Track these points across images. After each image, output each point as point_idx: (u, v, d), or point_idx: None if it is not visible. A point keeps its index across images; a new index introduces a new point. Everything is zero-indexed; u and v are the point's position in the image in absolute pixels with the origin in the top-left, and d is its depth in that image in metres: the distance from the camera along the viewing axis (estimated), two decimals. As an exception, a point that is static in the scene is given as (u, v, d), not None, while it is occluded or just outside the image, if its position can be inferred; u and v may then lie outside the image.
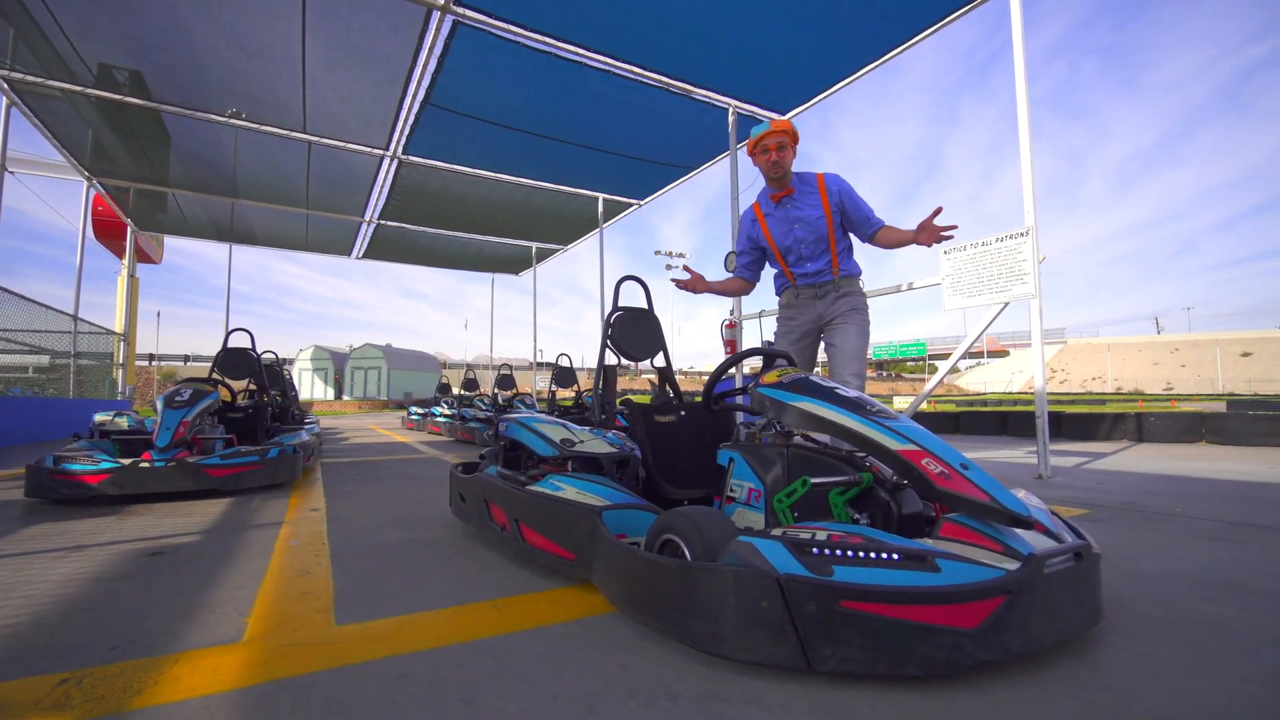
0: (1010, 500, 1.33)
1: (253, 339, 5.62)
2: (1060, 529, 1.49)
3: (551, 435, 2.17)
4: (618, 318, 3.07)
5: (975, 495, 1.34)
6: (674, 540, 1.48)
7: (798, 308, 2.98)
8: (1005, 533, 1.32)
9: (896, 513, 1.53)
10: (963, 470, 1.40)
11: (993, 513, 1.32)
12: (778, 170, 2.66)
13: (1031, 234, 4.45)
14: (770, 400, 1.79)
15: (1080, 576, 1.34)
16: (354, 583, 1.89)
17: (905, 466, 1.45)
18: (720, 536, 1.38)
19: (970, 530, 1.33)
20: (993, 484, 1.37)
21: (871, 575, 1.17)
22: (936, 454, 1.44)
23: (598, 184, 9.66)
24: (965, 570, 1.18)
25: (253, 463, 3.70)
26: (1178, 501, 3.37)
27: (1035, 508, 1.57)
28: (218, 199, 10.27)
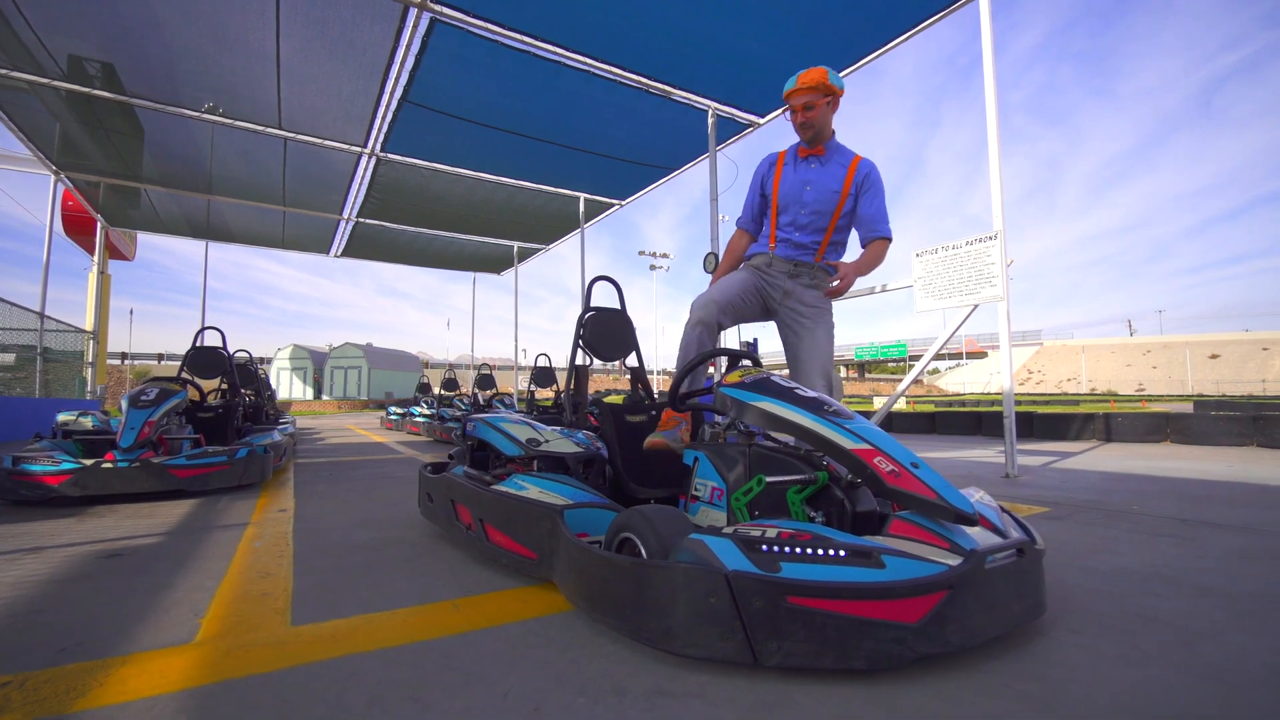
0: (956, 498, 1.36)
1: (224, 338, 5.54)
2: (1007, 525, 1.53)
3: (517, 435, 2.18)
4: (590, 318, 3.09)
5: (923, 493, 1.38)
6: (631, 539, 1.50)
7: (765, 273, 2.61)
8: (952, 529, 1.36)
9: (850, 510, 1.56)
10: (912, 469, 1.43)
11: (939, 510, 1.35)
12: (807, 131, 2.41)
13: (1000, 238, 4.54)
14: (732, 400, 1.82)
15: (1022, 571, 1.38)
16: (315, 584, 1.88)
17: (858, 465, 1.49)
18: (674, 534, 1.40)
19: (918, 527, 1.37)
20: (941, 482, 1.41)
21: (818, 572, 1.20)
22: (888, 453, 1.48)
23: (579, 184, 9.65)
24: (909, 566, 1.22)
25: (220, 463, 3.66)
26: (1136, 499, 3.46)
27: (984, 504, 1.61)
28: (192, 195, 10.09)
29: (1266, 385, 47.96)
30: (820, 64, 6.08)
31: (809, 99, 2.34)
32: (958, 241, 4.86)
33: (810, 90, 2.33)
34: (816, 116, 2.36)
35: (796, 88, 2.36)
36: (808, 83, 2.33)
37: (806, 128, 2.40)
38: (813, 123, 2.38)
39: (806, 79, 2.33)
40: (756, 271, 2.60)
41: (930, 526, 1.36)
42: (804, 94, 2.34)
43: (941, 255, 4.97)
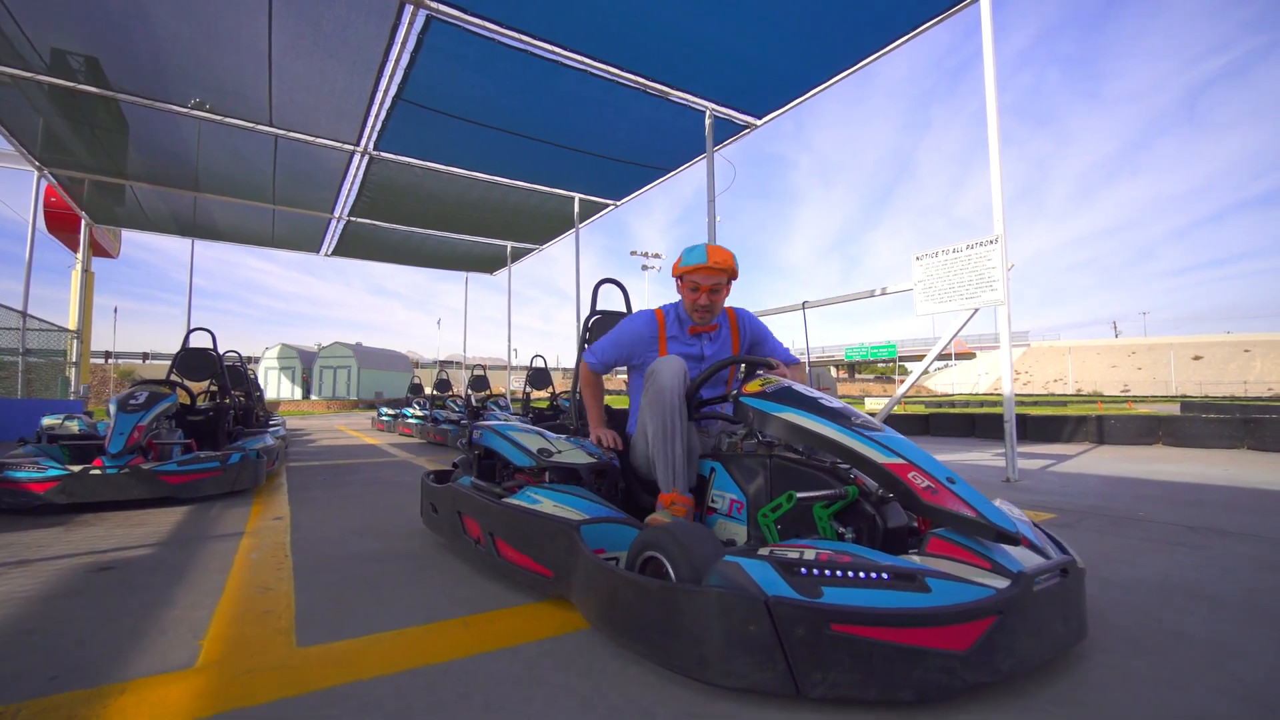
0: (996, 515, 1.32)
1: (214, 339, 5.42)
2: (1044, 543, 1.49)
3: (528, 445, 2.12)
4: (595, 321, 3.03)
5: (962, 510, 1.33)
6: (657, 558, 1.44)
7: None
8: (992, 548, 1.31)
9: (882, 526, 1.52)
10: (949, 484, 1.39)
11: (979, 528, 1.31)
12: (707, 315, 2.13)
13: (1000, 242, 4.54)
14: (753, 410, 1.77)
15: (1067, 592, 1.34)
16: (318, 599, 1.82)
17: (891, 480, 1.44)
18: (706, 555, 1.35)
19: (957, 546, 1.32)
20: (979, 498, 1.36)
21: (862, 596, 1.15)
22: (923, 468, 1.43)
23: (574, 184, 9.57)
24: (956, 590, 1.17)
25: (212, 469, 3.56)
26: (1139, 505, 3.46)
27: (1019, 520, 1.57)
28: (178, 192, 9.90)
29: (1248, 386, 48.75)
30: (820, 66, 6.01)
31: (718, 282, 2.07)
32: (958, 245, 4.85)
33: (720, 273, 2.06)
34: (719, 301, 2.13)
35: (707, 265, 2.04)
36: (721, 263, 2.04)
37: (706, 312, 2.12)
38: (715, 308, 2.13)
39: (719, 258, 2.05)
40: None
41: (970, 545, 1.32)
42: (714, 274, 2.06)
43: (942, 259, 4.97)
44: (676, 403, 1.90)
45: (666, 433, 1.87)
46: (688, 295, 2.12)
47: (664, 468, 1.86)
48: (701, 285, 2.07)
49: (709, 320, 2.17)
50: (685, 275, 2.10)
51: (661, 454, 1.86)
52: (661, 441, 1.87)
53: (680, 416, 1.90)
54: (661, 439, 1.87)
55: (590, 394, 2.40)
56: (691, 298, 2.11)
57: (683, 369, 1.95)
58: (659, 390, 1.91)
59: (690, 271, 2.08)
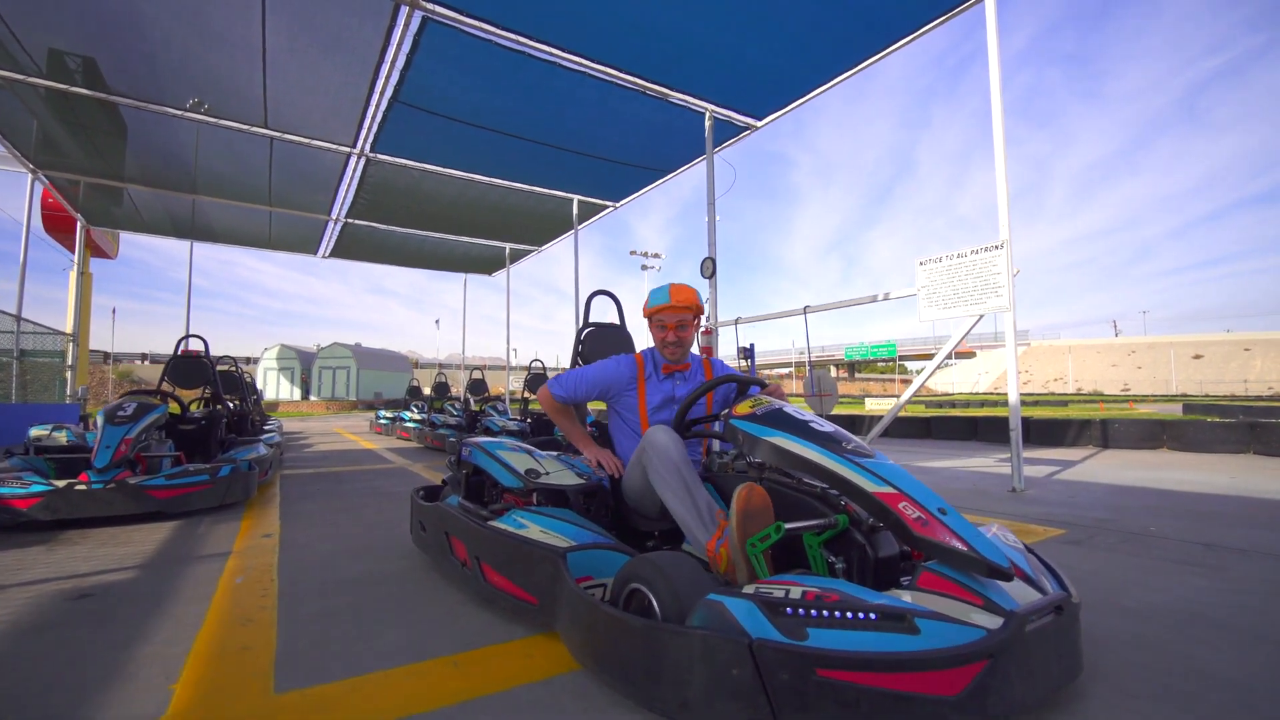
0: (987, 549, 1.26)
1: (207, 346, 5.34)
2: (1039, 574, 1.44)
3: (515, 465, 2.04)
4: (588, 334, 2.96)
5: (953, 543, 1.27)
6: (641, 591, 1.38)
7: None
8: (985, 584, 1.26)
9: (873, 557, 1.46)
10: (940, 516, 1.33)
11: (971, 562, 1.25)
12: (677, 350, 2.22)
13: (1006, 247, 4.46)
14: (743, 433, 1.70)
15: (1061, 631, 1.29)
16: (301, 633, 1.74)
17: (881, 510, 1.38)
18: (690, 590, 1.30)
19: (949, 581, 1.26)
20: (970, 531, 1.31)
21: (849, 639, 1.11)
22: (914, 498, 1.37)
23: (572, 185, 9.49)
24: (946, 631, 1.13)
25: (202, 483, 3.49)
26: (1150, 518, 3.38)
27: (1012, 548, 1.51)
28: (175, 194, 9.82)
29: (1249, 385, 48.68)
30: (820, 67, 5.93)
31: (683, 319, 2.17)
32: (962, 250, 4.77)
33: (685, 310, 2.16)
34: (687, 338, 2.22)
35: (671, 305, 2.14)
36: (684, 302, 2.15)
37: (678, 347, 2.21)
38: (685, 343, 2.22)
39: (682, 297, 2.15)
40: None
41: (962, 580, 1.26)
42: (679, 312, 2.16)
43: (946, 264, 4.89)
44: (678, 458, 1.81)
45: (683, 492, 1.77)
46: (657, 334, 2.23)
47: (695, 523, 1.72)
48: (668, 324, 2.18)
49: (680, 357, 2.25)
50: (652, 316, 2.22)
51: (687, 512, 1.74)
52: (680, 504, 1.76)
53: (687, 468, 1.82)
54: (680, 501, 1.76)
55: (566, 420, 2.33)
56: (660, 336, 2.22)
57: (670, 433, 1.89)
58: (661, 457, 1.81)
59: (656, 312, 2.19)
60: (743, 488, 1.54)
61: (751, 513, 1.51)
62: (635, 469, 2.00)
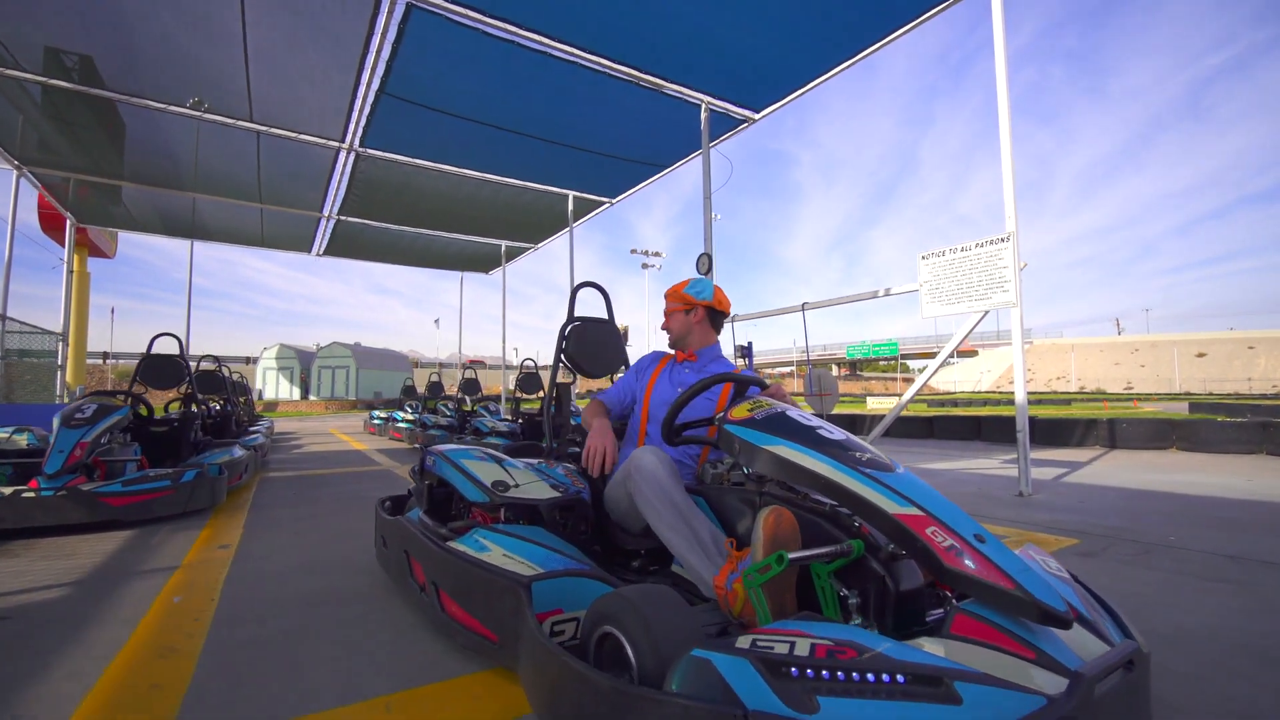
0: (1040, 588, 1.03)
1: (181, 345, 5.15)
2: (1097, 616, 1.21)
3: (482, 477, 1.83)
4: (573, 329, 2.76)
5: (997, 580, 1.05)
6: (614, 636, 1.17)
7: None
8: (1036, 631, 1.03)
9: (894, 591, 1.23)
10: (977, 544, 1.11)
11: (1019, 604, 1.02)
12: (669, 334, 2.29)
13: (1012, 240, 4.25)
14: (739, 441, 1.49)
15: (1134, 690, 1.06)
16: (223, 667, 1.54)
17: (904, 535, 1.16)
18: (672, 639, 1.07)
19: (990, 627, 1.04)
20: (1016, 564, 1.08)
21: (871, 711, 0.87)
22: (944, 521, 1.15)
23: (567, 181, 9.29)
24: (996, 700, 0.89)
25: (162, 489, 3.29)
26: (1168, 526, 3.17)
27: (1060, 581, 1.29)
28: (162, 191, 9.63)
29: (1252, 384, 48.37)
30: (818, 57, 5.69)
31: (667, 306, 2.27)
32: (966, 244, 4.57)
33: (668, 297, 2.27)
34: (669, 324, 2.25)
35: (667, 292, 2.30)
36: (667, 292, 2.28)
37: (666, 330, 2.30)
38: (667, 328, 2.27)
39: (669, 290, 2.29)
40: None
41: (1007, 627, 1.03)
42: (667, 301, 2.28)
43: (949, 258, 4.68)
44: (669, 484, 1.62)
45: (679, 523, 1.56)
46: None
47: (697, 557, 1.50)
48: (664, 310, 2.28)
49: (674, 345, 2.28)
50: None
51: (687, 546, 1.53)
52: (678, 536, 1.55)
53: (680, 494, 1.63)
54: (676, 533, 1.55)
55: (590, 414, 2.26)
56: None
57: (660, 455, 1.71)
58: (650, 484, 1.62)
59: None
60: (769, 512, 1.32)
61: (782, 541, 1.30)
62: (619, 490, 1.81)
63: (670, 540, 1.58)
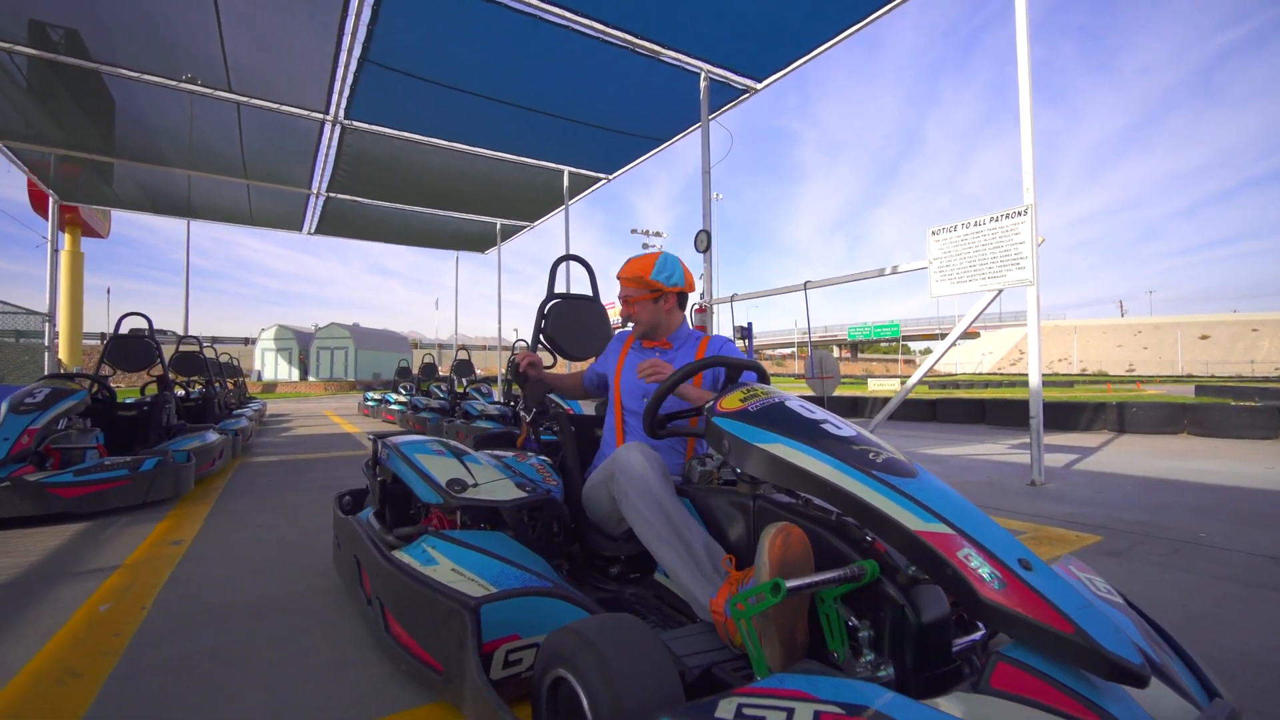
0: (1108, 633, 0.80)
1: (150, 324, 4.91)
2: (1165, 657, 0.98)
3: (436, 474, 1.60)
4: (554, 307, 2.52)
5: (1051, 622, 0.82)
6: (568, 683, 0.95)
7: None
8: (1102, 690, 0.81)
9: (915, 623, 1.01)
10: (1022, 573, 0.88)
11: (1081, 655, 0.80)
12: (635, 326, 1.97)
13: (1031, 213, 3.98)
14: (729, 436, 1.25)
15: None
16: (127, 697, 1.32)
17: (930, 557, 0.94)
18: (640, 697, 0.85)
19: (1042, 681, 0.81)
20: (1074, 599, 0.85)
21: None
22: (979, 541, 0.92)
23: (562, 156, 8.97)
24: None
25: (118, 478, 3.08)
26: (1196, 521, 2.96)
27: (1116, 610, 1.06)
28: (145, 166, 9.31)
29: (1255, 366, 48.09)
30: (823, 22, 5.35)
31: (628, 292, 1.93)
32: (980, 217, 4.30)
33: (629, 283, 1.91)
34: (636, 314, 1.93)
35: (619, 274, 1.96)
36: (625, 274, 1.93)
37: (631, 321, 1.98)
38: (635, 318, 1.95)
39: (625, 270, 1.93)
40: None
41: (1063, 681, 0.81)
42: (624, 286, 1.94)
43: (961, 233, 4.41)
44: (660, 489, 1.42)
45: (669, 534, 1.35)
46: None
47: (691, 575, 1.29)
48: (620, 295, 1.96)
49: (640, 333, 1.98)
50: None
51: (679, 562, 1.32)
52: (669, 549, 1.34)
53: (672, 500, 1.42)
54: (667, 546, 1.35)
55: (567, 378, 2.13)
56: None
57: (648, 453, 1.50)
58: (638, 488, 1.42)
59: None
60: (776, 530, 1.10)
61: (791, 563, 1.07)
62: (601, 491, 1.59)
63: (661, 554, 1.36)
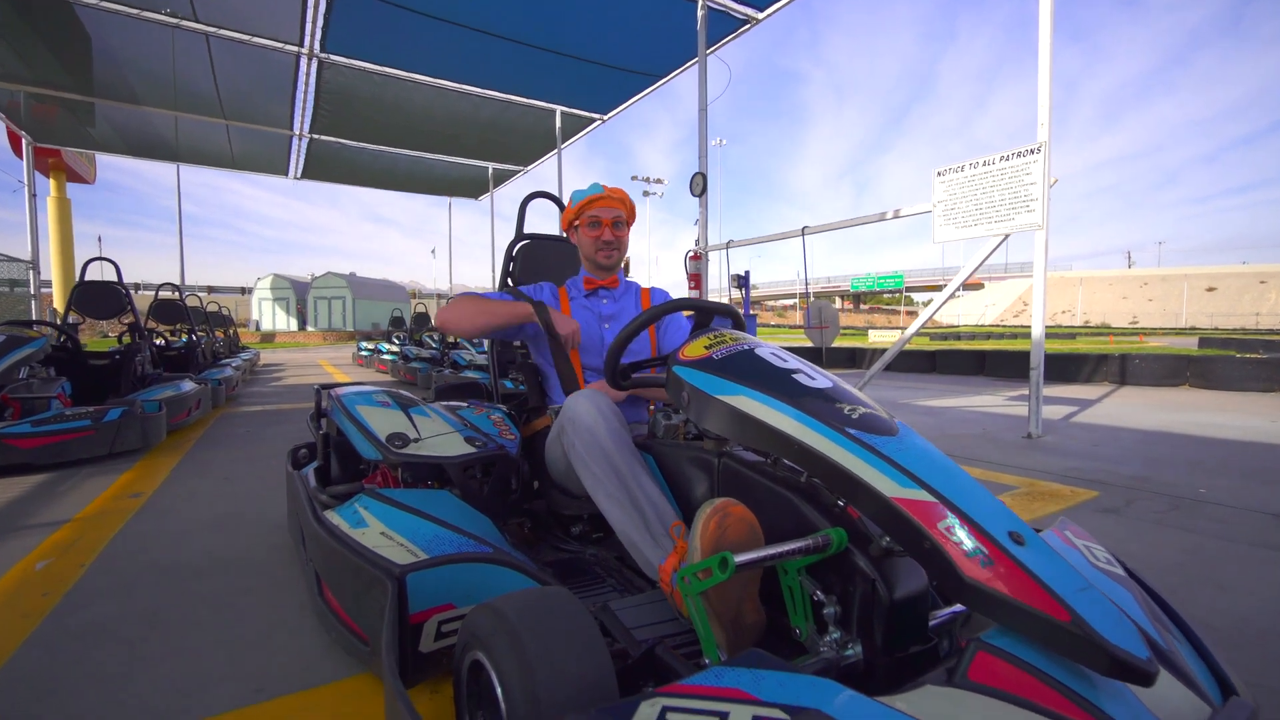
0: (1110, 621, 0.67)
1: (119, 269, 4.71)
2: (1172, 641, 0.85)
3: (376, 428, 1.47)
4: (523, 249, 2.34)
5: (1044, 607, 0.69)
6: (483, 667, 0.83)
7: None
8: (1098, 685, 0.68)
9: (886, 598, 0.88)
10: (1012, 548, 0.74)
11: (1077, 646, 0.67)
12: (612, 254, 1.79)
13: (1044, 152, 3.73)
14: (689, 388, 1.10)
15: None
16: (34, 669, 1.22)
17: (906, 528, 0.80)
18: (560, 689, 0.73)
19: (1028, 674, 0.69)
20: (1071, 580, 0.71)
21: None
22: (964, 511, 0.78)
23: (554, 94, 8.54)
24: None
25: (81, 429, 2.97)
26: (1196, 476, 2.85)
27: (1113, 582, 0.94)
28: (116, 105, 8.88)
29: (1260, 319, 47.72)
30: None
31: (619, 215, 1.76)
32: (990, 156, 4.03)
33: (620, 205, 1.76)
34: (625, 238, 1.81)
35: (604, 196, 1.75)
36: (618, 194, 1.77)
37: (613, 249, 1.79)
38: (621, 244, 1.81)
39: (615, 191, 1.78)
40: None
41: (1052, 675, 0.69)
42: (613, 206, 1.75)
43: (969, 174, 4.16)
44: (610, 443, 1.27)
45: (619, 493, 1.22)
46: (588, 235, 1.79)
47: (641, 536, 1.17)
48: (603, 219, 1.76)
49: (616, 262, 1.82)
50: (583, 211, 1.78)
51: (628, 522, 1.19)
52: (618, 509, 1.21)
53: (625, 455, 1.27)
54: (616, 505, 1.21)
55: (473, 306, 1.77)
56: (593, 235, 1.77)
57: (600, 401, 1.34)
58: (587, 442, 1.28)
59: (587, 205, 1.76)
60: (712, 511, 0.96)
61: (731, 548, 0.92)
62: (556, 447, 1.46)
63: (609, 513, 1.23)
